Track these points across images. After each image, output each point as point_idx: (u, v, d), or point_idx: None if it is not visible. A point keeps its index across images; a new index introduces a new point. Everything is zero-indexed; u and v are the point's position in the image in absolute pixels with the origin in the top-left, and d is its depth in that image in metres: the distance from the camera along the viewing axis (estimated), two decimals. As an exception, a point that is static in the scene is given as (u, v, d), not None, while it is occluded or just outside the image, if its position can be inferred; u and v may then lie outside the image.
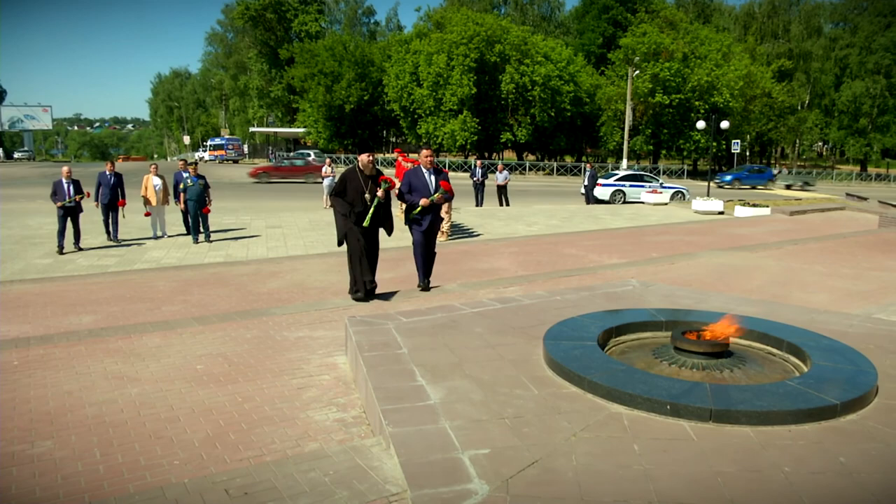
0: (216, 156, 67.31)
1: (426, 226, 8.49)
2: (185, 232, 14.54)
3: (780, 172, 48.85)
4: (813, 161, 79.71)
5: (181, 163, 15.07)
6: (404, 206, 8.56)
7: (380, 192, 7.99)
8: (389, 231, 8.36)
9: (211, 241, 13.74)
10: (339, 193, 8.09)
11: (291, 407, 4.68)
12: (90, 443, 4.12)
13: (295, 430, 4.30)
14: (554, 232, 16.23)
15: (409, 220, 8.54)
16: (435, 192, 8.41)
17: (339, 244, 8.21)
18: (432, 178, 8.52)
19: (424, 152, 8.61)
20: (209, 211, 14.06)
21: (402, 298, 8.14)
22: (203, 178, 14.19)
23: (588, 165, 29.14)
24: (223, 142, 70.15)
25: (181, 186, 14.00)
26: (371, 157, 8.15)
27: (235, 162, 66.89)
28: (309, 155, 59.31)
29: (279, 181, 36.65)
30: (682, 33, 53.17)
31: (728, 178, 44.68)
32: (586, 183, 26.76)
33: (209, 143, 71.11)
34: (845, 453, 3.46)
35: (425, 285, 8.63)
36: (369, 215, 7.96)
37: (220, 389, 5.03)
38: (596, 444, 3.54)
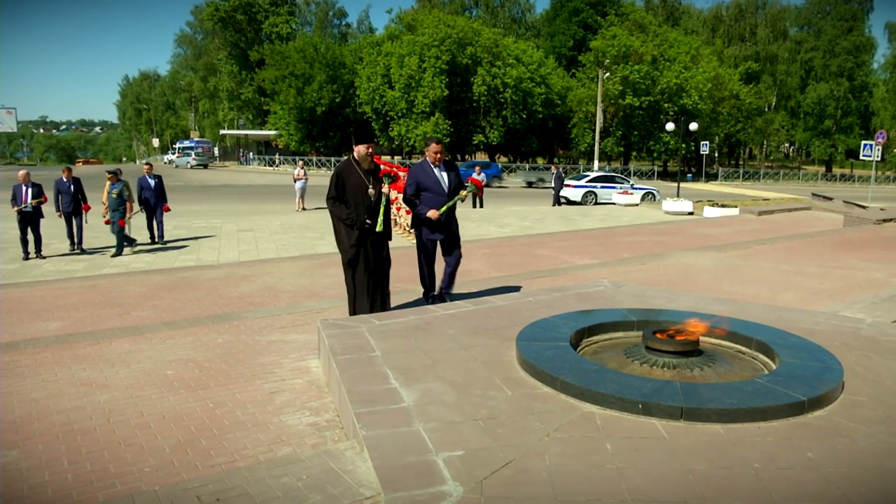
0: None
1: (441, 235, 7.23)
2: (150, 239, 14.20)
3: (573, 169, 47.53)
4: (780, 162, 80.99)
5: (146, 167, 14.74)
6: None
7: (385, 188, 6.83)
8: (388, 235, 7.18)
9: (165, 242, 13.54)
10: (337, 196, 6.72)
11: (264, 412, 4.65)
12: (58, 451, 4.05)
13: (267, 434, 4.27)
14: (526, 233, 16.28)
15: (418, 224, 7.32)
16: (450, 193, 7.18)
17: (349, 259, 6.83)
18: (444, 175, 7.18)
19: (433, 147, 7.14)
20: (168, 209, 14.33)
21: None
22: (159, 177, 14.44)
23: (554, 167, 29.27)
24: (192, 144, 69.57)
25: (116, 193, 13.48)
26: (370, 149, 6.85)
27: (205, 166, 66.36)
28: (191, 154, 59.35)
29: None
30: (651, 36, 53.77)
31: None
32: (553, 184, 26.90)
33: (178, 145, 70.50)
34: (813, 448, 3.52)
35: (438, 296, 7.46)
36: (380, 217, 6.75)
37: (192, 395, 4.98)
38: (569, 444, 3.55)
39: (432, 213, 7.04)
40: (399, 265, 9.99)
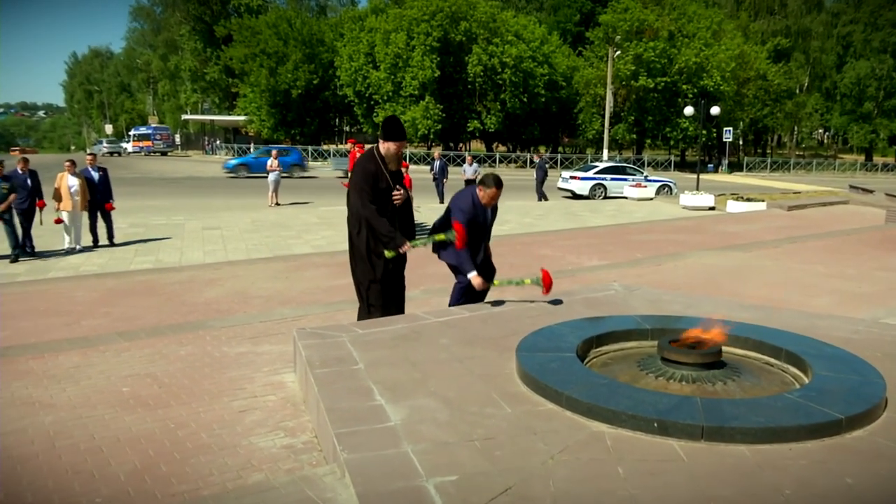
0: (142, 147, 66.92)
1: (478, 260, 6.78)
2: (93, 242, 13.85)
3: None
4: (813, 150, 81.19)
5: (89, 157, 14.56)
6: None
7: (406, 248, 6.15)
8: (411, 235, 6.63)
9: (113, 244, 13.38)
10: (371, 197, 6.08)
11: (232, 433, 4.63)
12: (-4, 479, 4.03)
13: (236, 459, 4.25)
14: (527, 231, 16.31)
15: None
16: (488, 231, 6.89)
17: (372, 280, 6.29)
18: (489, 215, 6.87)
19: (493, 192, 6.59)
20: (112, 208, 14.14)
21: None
22: (104, 170, 14.35)
23: (537, 156, 29.03)
24: (150, 131, 69.61)
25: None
26: (401, 148, 6.29)
27: (164, 154, 66.45)
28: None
29: None
30: (667, 9, 53.83)
31: (232, 163, 38.95)
32: (536, 176, 26.48)
33: (133, 132, 70.50)
34: (852, 473, 3.52)
35: None
36: (420, 243, 6.26)
37: (150, 415, 4.96)
38: (576, 468, 3.55)
39: (476, 281, 6.54)
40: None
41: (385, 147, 6.19)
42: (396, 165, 6.31)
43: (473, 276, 6.52)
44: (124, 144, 70.24)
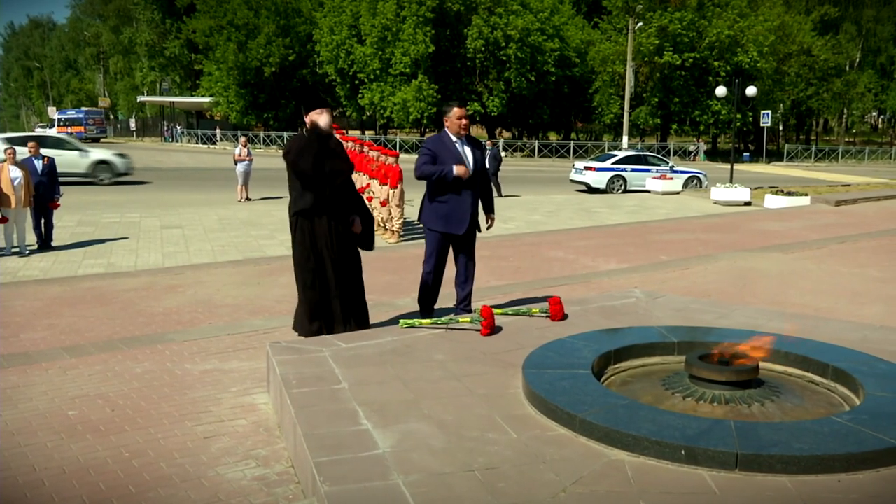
0: (70, 133, 66.55)
1: (465, 226, 7.19)
2: (38, 241, 13.67)
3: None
4: (865, 136, 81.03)
5: (31, 145, 14.31)
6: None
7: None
8: (369, 244, 7.14)
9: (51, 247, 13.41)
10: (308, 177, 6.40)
11: (196, 462, 4.63)
12: (-77, 517, 4.03)
13: (201, 492, 4.25)
14: (536, 230, 16.32)
15: (431, 214, 7.19)
16: (477, 174, 7.16)
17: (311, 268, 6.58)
18: (467, 149, 7.14)
19: (456, 112, 7.03)
20: (57, 206, 13.98)
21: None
22: (50, 161, 14.08)
23: (490, 143, 28.96)
24: (80, 115, 69.45)
25: None
26: (326, 115, 6.56)
27: (97, 140, 66.18)
28: None
29: None
30: (696, -26, 53.91)
31: None
32: (488, 167, 26.15)
33: (58, 115, 70.29)
34: (908, 507, 3.53)
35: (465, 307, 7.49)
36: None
37: (101, 442, 4.95)
38: (591, 502, 3.56)
39: (461, 170, 6.91)
40: (371, 270, 9.96)
41: (309, 122, 6.55)
42: (330, 130, 6.61)
43: (457, 168, 6.88)
44: (50, 130, 69.29)
